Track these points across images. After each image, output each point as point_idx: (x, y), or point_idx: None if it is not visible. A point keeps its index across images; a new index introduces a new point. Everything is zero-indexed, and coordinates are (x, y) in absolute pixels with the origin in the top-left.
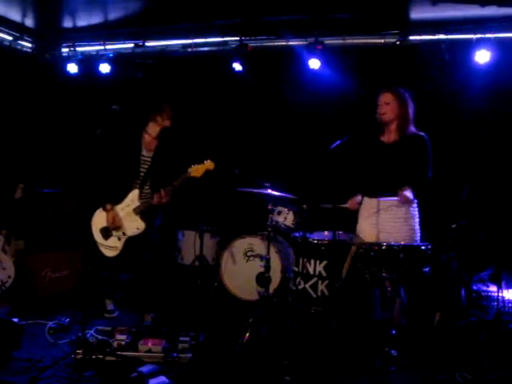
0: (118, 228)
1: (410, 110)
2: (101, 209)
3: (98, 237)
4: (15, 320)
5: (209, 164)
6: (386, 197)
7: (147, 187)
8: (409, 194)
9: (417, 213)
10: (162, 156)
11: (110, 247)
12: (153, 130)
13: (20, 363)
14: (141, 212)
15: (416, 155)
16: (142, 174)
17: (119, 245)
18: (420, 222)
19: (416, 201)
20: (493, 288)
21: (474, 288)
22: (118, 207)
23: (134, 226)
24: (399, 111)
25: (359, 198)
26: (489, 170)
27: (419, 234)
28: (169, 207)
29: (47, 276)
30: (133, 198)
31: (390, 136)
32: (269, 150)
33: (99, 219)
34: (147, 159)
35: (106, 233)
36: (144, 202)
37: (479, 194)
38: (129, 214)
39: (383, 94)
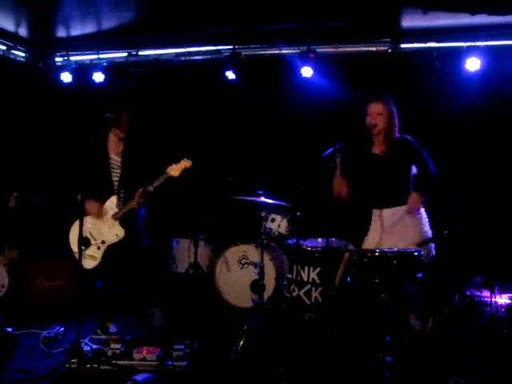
0: (103, 221)
1: (397, 119)
2: (76, 221)
3: (74, 247)
4: (9, 330)
5: (186, 162)
6: (388, 205)
7: (123, 193)
8: (416, 200)
9: (425, 215)
10: (131, 159)
11: (89, 257)
12: (117, 133)
13: (14, 373)
14: (120, 217)
15: (411, 159)
16: (114, 178)
17: (98, 254)
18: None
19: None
20: (486, 293)
21: (468, 293)
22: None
23: (113, 232)
24: (390, 121)
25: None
26: (480, 175)
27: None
28: (148, 212)
29: (42, 285)
30: (111, 205)
31: (379, 147)
32: (262, 157)
33: (77, 229)
34: (116, 163)
35: (85, 242)
36: (122, 206)
37: (470, 199)
38: (107, 221)
39: (375, 105)
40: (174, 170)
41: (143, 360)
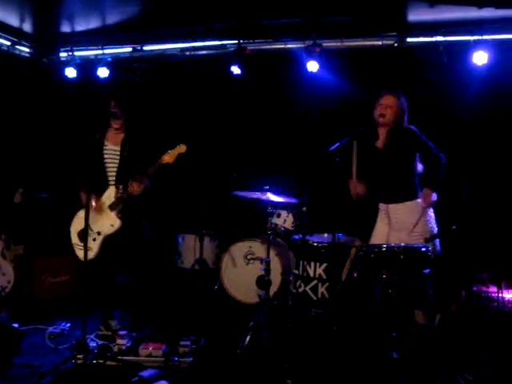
0: (100, 212)
1: (406, 117)
2: (80, 211)
3: (75, 238)
4: (15, 325)
5: (180, 148)
6: (394, 201)
7: (121, 183)
8: (428, 195)
9: (432, 213)
10: (130, 150)
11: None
12: (113, 124)
13: (20, 369)
14: (117, 208)
15: (414, 148)
16: (110, 167)
17: (95, 246)
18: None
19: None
20: (493, 289)
21: (474, 289)
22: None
23: (108, 223)
24: (398, 115)
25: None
26: (486, 169)
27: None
28: (150, 205)
29: (47, 281)
30: (109, 195)
31: (382, 140)
32: (267, 152)
33: (78, 221)
34: (114, 152)
35: (84, 234)
36: (119, 196)
37: (477, 194)
38: (104, 212)
39: (386, 97)
40: (169, 156)
41: (149, 356)
